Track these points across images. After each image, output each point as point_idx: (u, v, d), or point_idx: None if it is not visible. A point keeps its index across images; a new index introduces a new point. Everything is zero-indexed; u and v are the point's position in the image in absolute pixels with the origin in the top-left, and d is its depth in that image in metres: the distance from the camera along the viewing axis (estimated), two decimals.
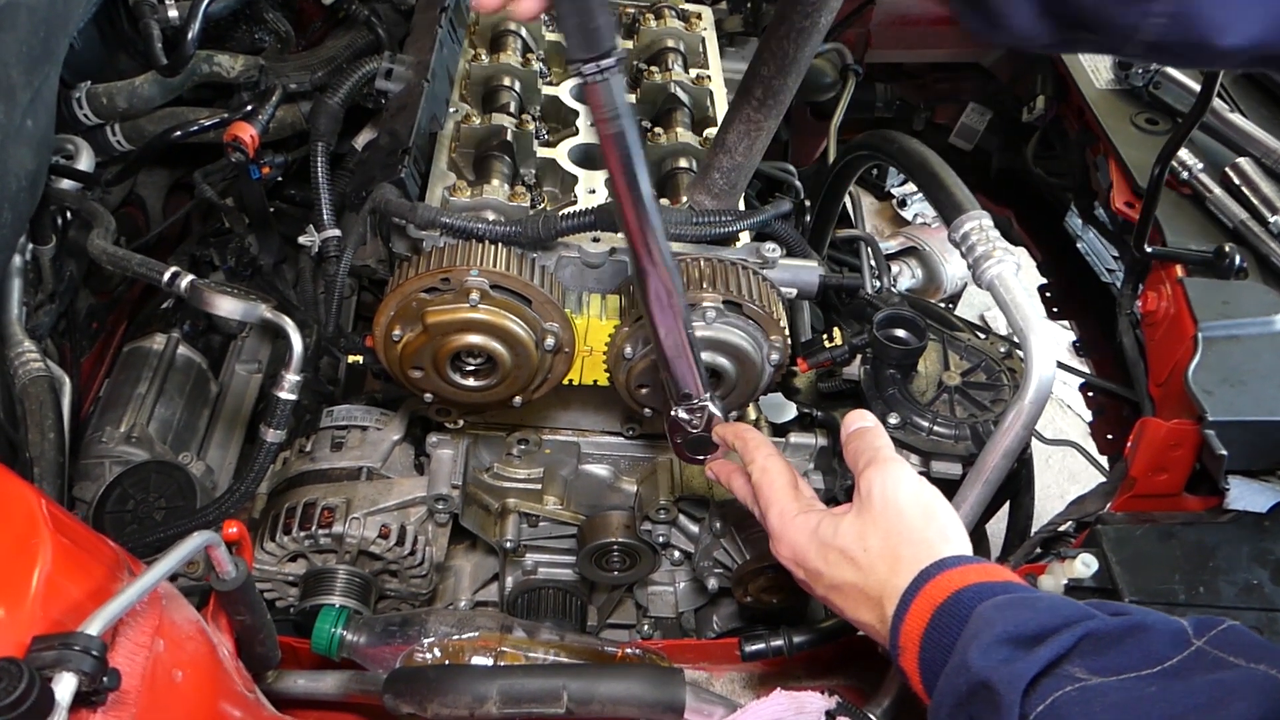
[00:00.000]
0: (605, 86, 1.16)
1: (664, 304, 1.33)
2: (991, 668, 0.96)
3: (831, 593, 1.24)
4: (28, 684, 0.83)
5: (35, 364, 1.69)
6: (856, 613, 1.21)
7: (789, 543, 1.29)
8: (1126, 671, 0.93)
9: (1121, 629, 0.97)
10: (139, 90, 1.98)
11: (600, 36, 1.12)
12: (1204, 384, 1.48)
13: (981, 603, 1.05)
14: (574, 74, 1.16)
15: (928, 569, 1.13)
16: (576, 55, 1.14)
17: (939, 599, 1.09)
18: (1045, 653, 0.95)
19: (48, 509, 1.04)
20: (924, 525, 1.19)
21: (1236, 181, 1.78)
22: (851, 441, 1.31)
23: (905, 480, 1.22)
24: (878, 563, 1.18)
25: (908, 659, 1.10)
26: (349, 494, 1.80)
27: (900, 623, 1.11)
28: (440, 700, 1.44)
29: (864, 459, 1.26)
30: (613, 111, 1.18)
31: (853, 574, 1.20)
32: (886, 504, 1.21)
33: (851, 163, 2.15)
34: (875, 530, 1.20)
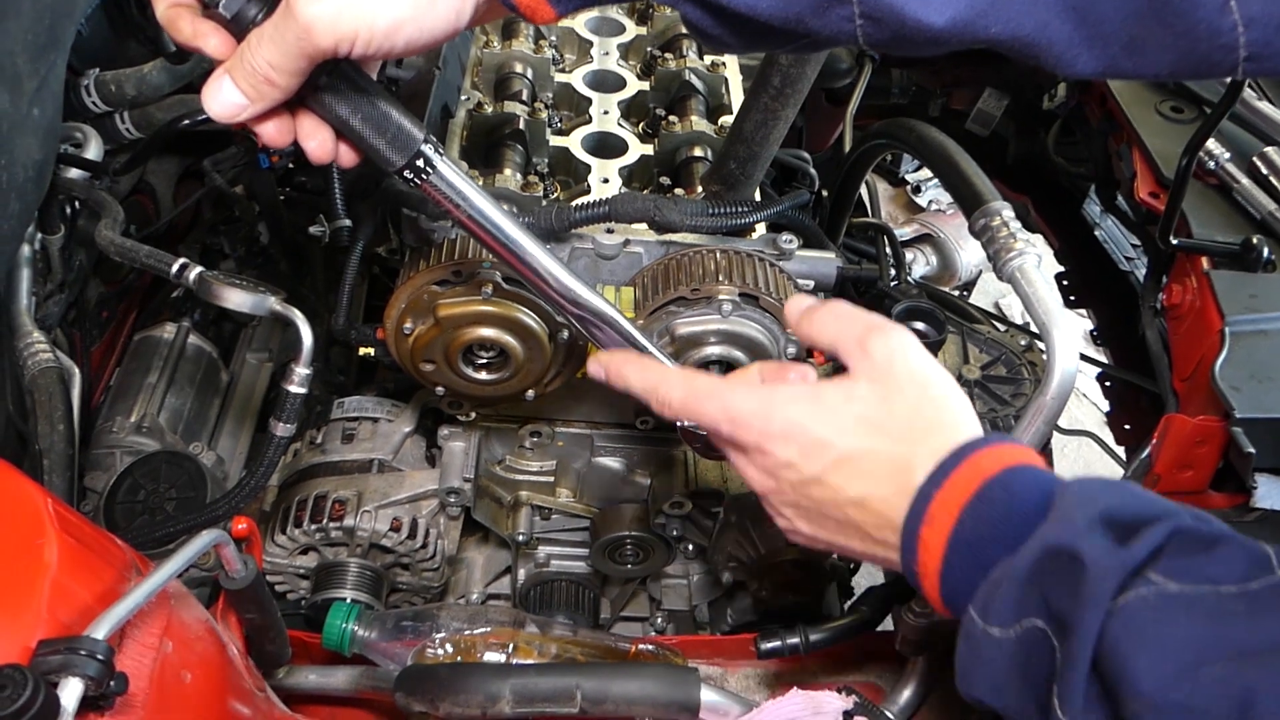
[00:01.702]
0: (435, 177, 1.12)
1: (610, 338, 1.27)
2: (1093, 546, 0.85)
3: (840, 466, 1.03)
4: (32, 691, 0.82)
5: (44, 355, 1.68)
6: (868, 487, 1.02)
7: (781, 416, 1.06)
8: (1205, 583, 0.83)
9: (1210, 535, 0.86)
10: (148, 78, 1.95)
11: (405, 136, 1.08)
12: (1231, 380, 1.45)
13: (1043, 484, 0.93)
14: (401, 179, 1.12)
15: (973, 441, 0.99)
16: (395, 165, 1.10)
17: (990, 471, 0.95)
18: (1141, 547, 0.84)
19: (54, 508, 1.02)
20: (950, 394, 1.05)
21: (1264, 171, 1.75)
22: (820, 318, 1.12)
23: (921, 348, 1.07)
24: (908, 427, 1.02)
25: (936, 530, 0.96)
26: (360, 487, 1.79)
27: (935, 489, 0.96)
28: (452, 699, 1.43)
29: (858, 328, 1.08)
30: (456, 196, 1.14)
31: (874, 439, 1.02)
32: (910, 370, 1.04)
33: (869, 151, 2.12)
34: (900, 395, 1.03)
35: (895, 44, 0.99)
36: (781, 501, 1.10)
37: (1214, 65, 0.93)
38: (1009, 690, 0.90)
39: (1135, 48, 0.94)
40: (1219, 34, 0.90)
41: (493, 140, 1.79)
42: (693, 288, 1.52)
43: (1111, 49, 0.94)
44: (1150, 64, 0.95)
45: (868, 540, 1.04)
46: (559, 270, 1.22)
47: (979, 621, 0.91)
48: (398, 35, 0.98)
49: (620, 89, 1.96)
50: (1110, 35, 0.94)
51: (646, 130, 1.91)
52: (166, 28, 1.04)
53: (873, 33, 0.97)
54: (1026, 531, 0.91)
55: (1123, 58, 0.95)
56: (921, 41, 0.97)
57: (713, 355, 1.55)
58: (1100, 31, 0.94)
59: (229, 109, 1.01)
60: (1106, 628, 0.81)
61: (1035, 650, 0.87)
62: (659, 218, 1.55)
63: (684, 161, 1.82)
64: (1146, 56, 0.94)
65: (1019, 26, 0.94)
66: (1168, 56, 0.94)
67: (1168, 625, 0.80)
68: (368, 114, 1.06)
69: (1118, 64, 0.95)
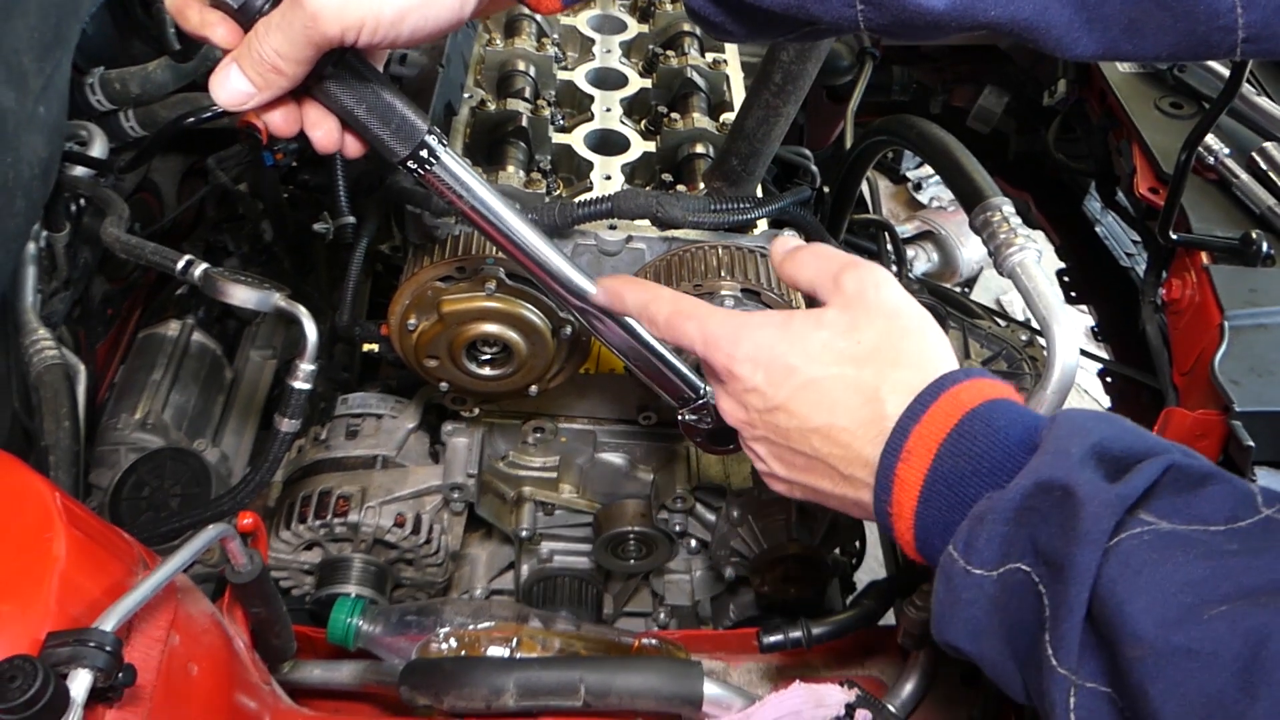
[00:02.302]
0: (439, 168, 1.13)
1: (610, 329, 1.28)
2: (1087, 481, 0.82)
3: (804, 391, 1.02)
4: (42, 682, 0.83)
5: (50, 351, 1.69)
6: (833, 415, 1.00)
7: (752, 338, 1.06)
8: (1198, 522, 0.80)
9: (1200, 472, 0.84)
10: (152, 76, 1.96)
11: (410, 127, 1.09)
12: (1230, 374, 1.46)
13: (1025, 418, 0.91)
14: (405, 171, 1.13)
15: (952, 374, 0.97)
16: (399, 156, 1.11)
17: (969, 404, 0.93)
18: (1137, 483, 0.81)
19: (62, 502, 1.03)
20: (924, 329, 1.03)
21: (1264, 166, 1.76)
22: (802, 258, 1.12)
23: (896, 284, 1.05)
24: (874, 355, 1.00)
25: (912, 466, 0.93)
26: (364, 482, 1.80)
27: (913, 423, 0.94)
28: (456, 692, 1.43)
29: (835, 265, 1.08)
30: (460, 187, 1.15)
31: (840, 366, 1.01)
32: (881, 301, 1.03)
33: (870, 148, 2.13)
34: (869, 324, 1.02)
35: (896, 29, 0.99)
36: (753, 437, 1.10)
37: (1213, 47, 0.93)
38: (988, 635, 0.88)
39: (1135, 29, 0.94)
40: (1217, 15, 0.91)
41: (495, 137, 1.80)
42: (695, 283, 1.53)
43: (1111, 31, 0.94)
44: (1150, 46, 0.95)
45: (838, 479, 1.02)
46: (562, 262, 1.23)
47: (959, 560, 0.88)
48: (403, 24, 0.99)
49: (622, 86, 1.97)
50: (1110, 17, 0.94)
51: (649, 127, 1.92)
52: (175, 17, 1.05)
53: (873, 17, 0.98)
54: (1010, 466, 0.89)
55: (1122, 40, 0.95)
56: (921, 26, 0.97)
57: None
58: (1100, 14, 0.94)
59: (236, 97, 1.02)
60: (1102, 569, 0.79)
61: (1019, 594, 0.84)
62: (661, 214, 1.55)
63: (686, 158, 1.82)
64: (1146, 38, 0.94)
65: (1018, 9, 0.94)
66: (1167, 38, 0.94)
67: (1165, 566, 0.78)
68: (373, 104, 1.07)
69: (1117, 46, 0.96)
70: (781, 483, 1.11)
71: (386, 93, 1.08)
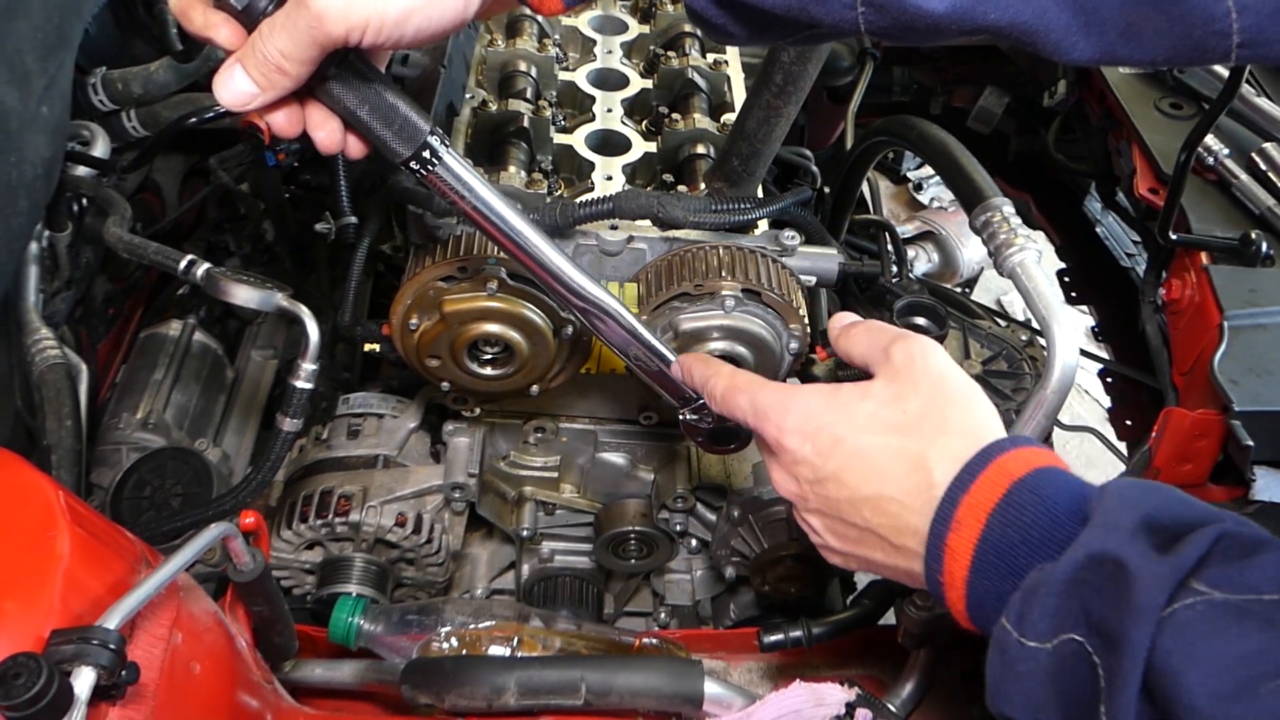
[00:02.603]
0: (442, 168, 1.14)
1: (612, 329, 1.29)
2: (1138, 554, 0.82)
3: (852, 461, 1.03)
4: (46, 679, 0.83)
5: (52, 351, 1.69)
6: (882, 485, 1.01)
7: (800, 409, 1.08)
8: (1251, 592, 0.79)
9: (1252, 541, 0.83)
10: (154, 76, 1.97)
11: (412, 128, 1.10)
12: (1229, 373, 1.46)
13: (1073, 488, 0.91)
14: (407, 172, 1.14)
15: (999, 442, 0.97)
16: (402, 157, 1.11)
17: (1017, 473, 0.93)
18: (1189, 554, 0.81)
19: (66, 501, 1.04)
20: (971, 396, 1.04)
21: (1263, 167, 1.76)
22: (856, 333, 1.15)
23: (944, 354, 1.07)
24: (921, 423, 1.01)
25: (962, 536, 0.93)
26: (365, 482, 1.80)
27: (961, 493, 0.94)
28: (458, 691, 1.44)
29: (885, 338, 1.10)
30: (462, 188, 1.16)
31: (886, 435, 1.02)
32: (928, 370, 1.05)
33: (871, 148, 2.13)
34: (915, 392, 1.03)
35: (896, 32, 0.99)
36: (806, 509, 1.11)
37: (1209, 51, 0.94)
38: (1045, 709, 0.87)
39: (1132, 34, 0.94)
40: (1213, 19, 0.91)
41: (497, 138, 1.80)
42: (696, 283, 1.53)
43: (1108, 35, 0.95)
44: (1147, 50, 0.95)
45: (889, 550, 1.02)
46: (563, 262, 1.23)
47: (1013, 633, 0.88)
48: (407, 24, 1.00)
49: (623, 87, 1.97)
50: (1107, 22, 0.94)
51: (650, 128, 1.92)
52: (179, 18, 1.05)
53: (874, 20, 0.98)
54: (1060, 536, 0.89)
55: (1119, 44, 0.95)
56: (922, 29, 0.97)
57: (716, 350, 1.56)
58: (1098, 18, 0.94)
59: (240, 97, 1.02)
60: (1156, 642, 0.78)
61: (1073, 667, 0.84)
62: (662, 214, 1.56)
63: (687, 159, 1.82)
64: (1143, 42, 0.94)
65: (1017, 13, 0.94)
66: (1164, 42, 0.94)
67: (1220, 638, 0.77)
68: (375, 105, 1.08)
69: (1114, 50, 0.96)
70: (837, 555, 1.11)
71: (389, 93, 1.08)
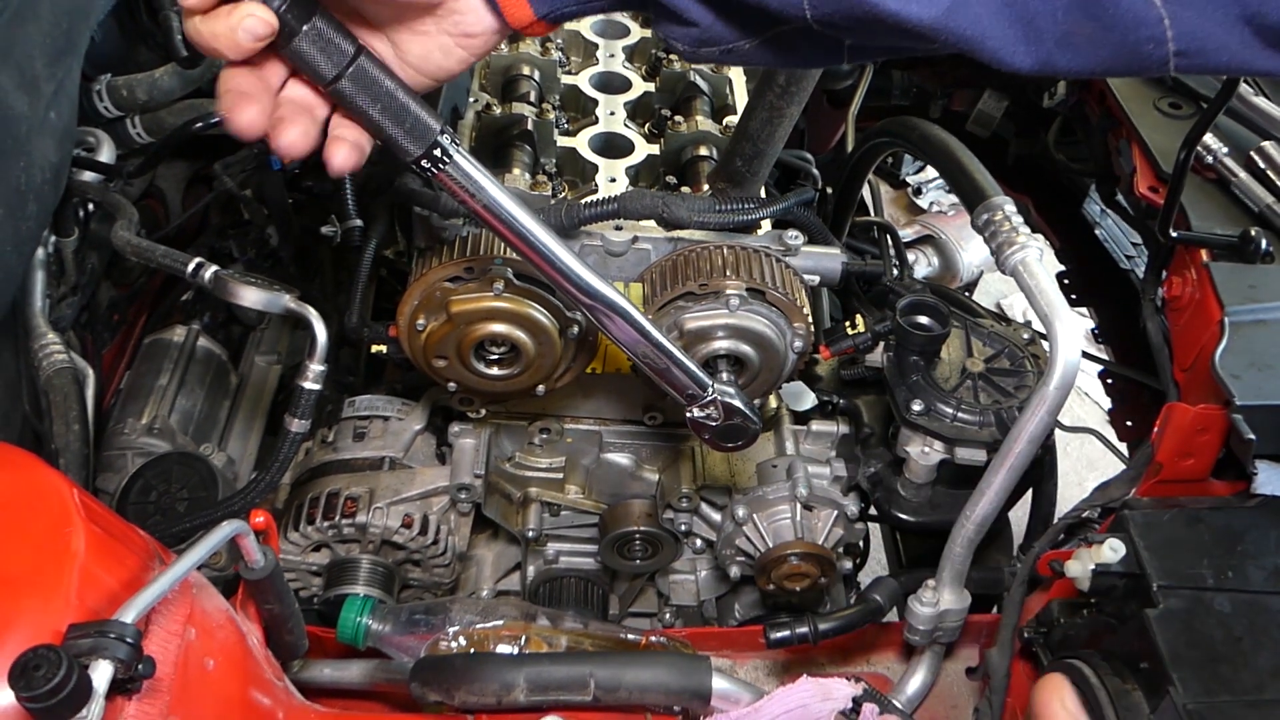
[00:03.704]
0: (452, 167, 1.15)
1: (619, 326, 1.30)
2: None
3: None
4: (66, 671, 0.84)
5: (59, 356, 1.70)
6: None
7: None
8: None
9: None
10: (159, 82, 1.98)
11: (422, 127, 1.11)
12: (1231, 368, 1.47)
13: None
14: (416, 171, 1.15)
15: None
16: (411, 156, 1.12)
17: None
18: None
19: (80, 498, 1.05)
20: None
21: (1262, 165, 1.77)
22: None
23: None
24: None
25: None
26: (372, 484, 1.81)
27: None
28: (467, 688, 1.45)
29: None
30: (472, 186, 1.17)
31: None
32: None
33: (871, 150, 2.15)
34: None
35: (841, 21, 0.97)
36: None
37: (1146, 59, 0.93)
38: None
39: (1068, 42, 0.94)
40: (1145, 26, 0.91)
41: (501, 141, 1.81)
42: (700, 283, 1.54)
43: (1046, 44, 0.95)
44: (1084, 59, 0.95)
45: None
46: (572, 260, 1.24)
47: None
48: None
49: (626, 90, 1.99)
50: (1044, 31, 0.94)
51: (652, 130, 1.93)
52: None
53: (819, 5, 0.96)
54: None
55: (1057, 53, 0.95)
56: (866, 19, 0.96)
57: (721, 349, 1.57)
58: (1035, 27, 0.94)
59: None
60: None
61: None
62: (667, 214, 1.57)
63: (690, 161, 1.84)
64: (1080, 51, 0.95)
65: (954, 19, 0.94)
66: (1101, 51, 0.94)
67: None
68: (387, 105, 1.09)
69: (1053, 60, 0.96)
70: None
71: (401, 93, 1.09)
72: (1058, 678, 1.25)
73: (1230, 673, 1.23)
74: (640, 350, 1.33)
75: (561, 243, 1.24)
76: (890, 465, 1.81)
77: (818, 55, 1.08)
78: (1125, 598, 1.37)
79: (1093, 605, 1.46)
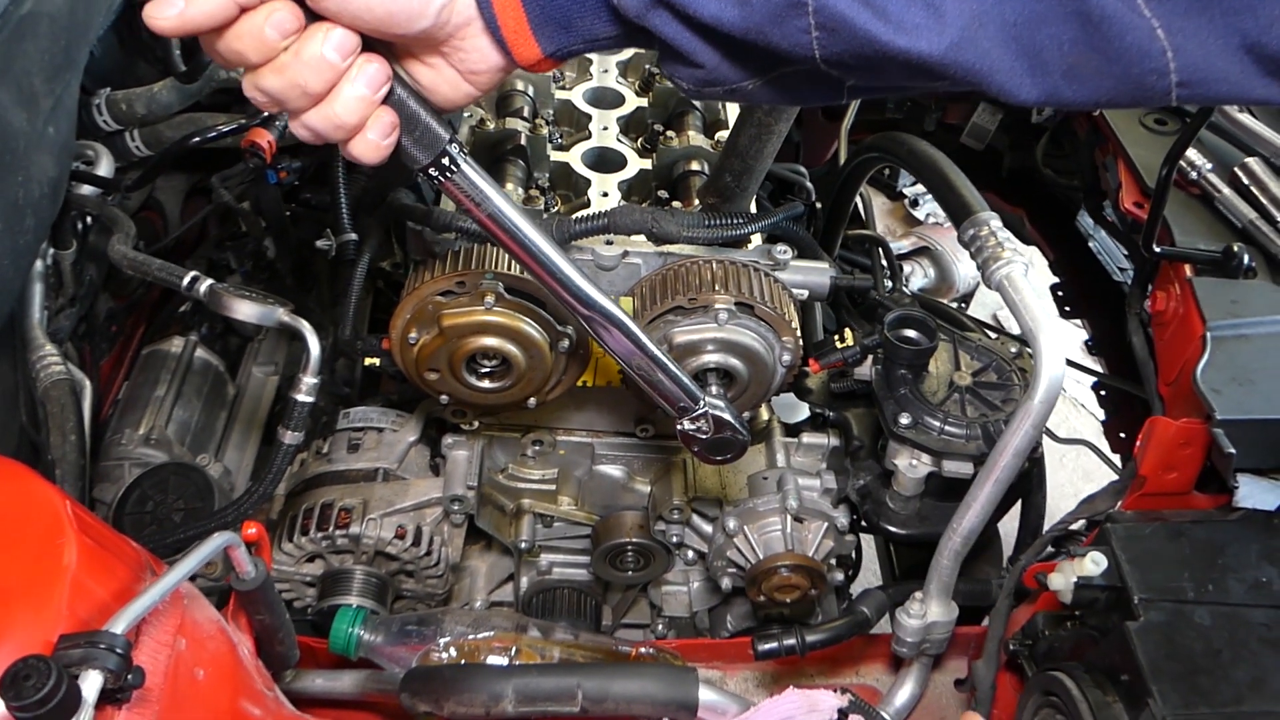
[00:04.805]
0: (459, 177, 1.16)
1: (616, 338, 1.31)
2: None
3: None
4: (55, 681, 0.86)
5: (56, 367, 1.71)
6: None
7: None
8: None
9: None
10: (158, 97, 2.00)
11: (433, 136, 1.12)
12: (1212, 383, 1.49)
13: None
14: (425, 178, 1.17)
15: None
16: (421, 163, 1.13)
17: None
18: None
19: (72, 510, 1.06)
20: None
21: (1245, 181, 1.79)
22: None
23: None
24: None
25: None
26: (366, 495, 1.82)
27: None
28: (456, 698, 1.46)
29: None
30: (478, 196, 1.18)
31: None
32: None
33: (862, 164, 2.17)
34: None
35: (850, 60, 0.98)
36: None
37: (1149, 90, 0.95)
38: None
39: (1074, 75, 0.95)
40: (1149, 58, 0.92)
41: (495, 156, 1.83)
42: (690, 297, 1.56)
43: (1052, 77, 0.96)
44: (1090, 90, 0.97)
45: None
46: (572, 272, 1.26)
47: None
48: None
49: (619, 105, 2.01)
50: (1050, 63, 0.95)
51: (645, 145, 1.95)
52: None
53: (828, 45, 0.98)
54: None
55: (1063, 85, 0.96)
56: (874, 58, 0.97)
57: (710, 363, 1.59)
58: (1040, 60, 0.95)
59: None
60: None
61: None
62: (657, 229, 1.59)
63: (681, 175, 1.86)
64: (1086, 83, 0.96)
65: (962, 54, 0.95)
66: (1106, 82, 0.95)
67: None
68: (399, 112, 1.10)
69: (1059, 92, 0.97)
70: None
71: (412, 101, 1.10)
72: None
73: (1209, 685, 1.25)
74: (635, 362, 1.35)
75: (562, 254, 1.25)
76: (879, 478, 1.82)
77: (819, 94, 1.08)
78: (1107, 610, 1.38)
79: (1076, 618, 1.48)
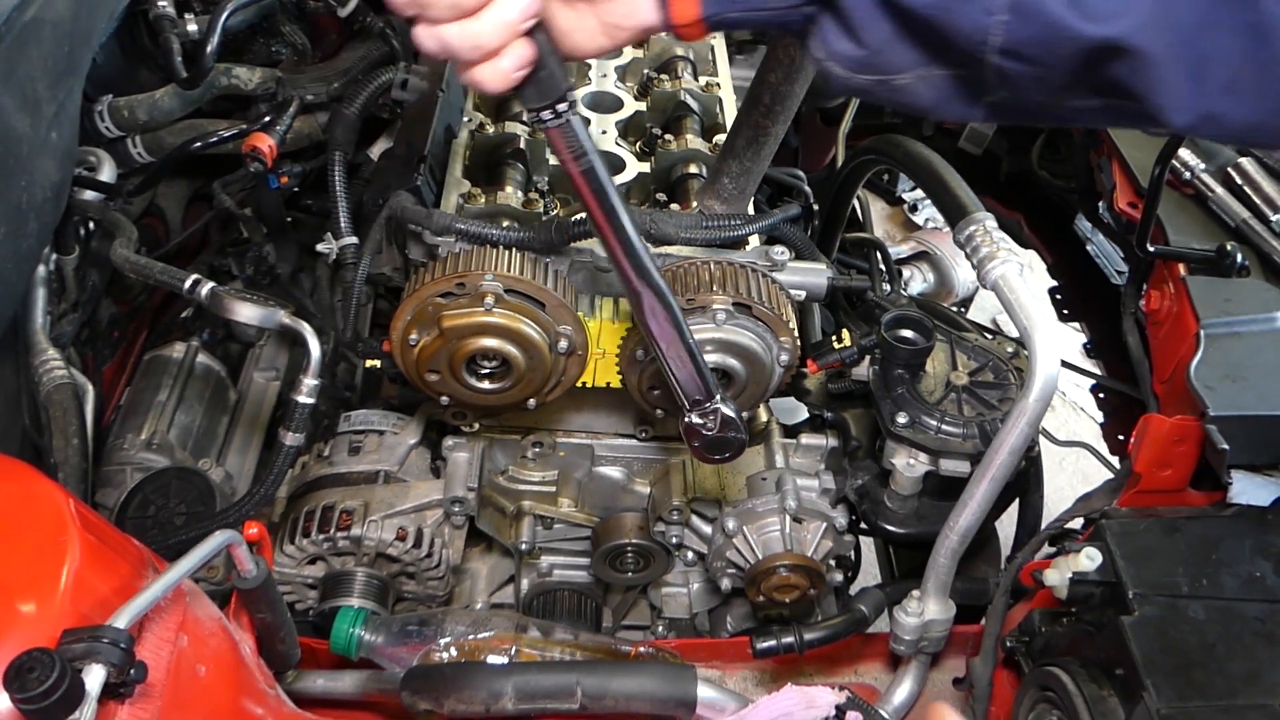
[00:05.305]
0: (566, 129, 1.19)
1: (660, 319, 1.35)
2: None
3: None
4: (59, 674, 0.86)
5: (59, 372, 1.72)
6: None
7: None
8: None
9: None
10: (159, 103, 2.02)
11: (553, 83, 1.14)
12: (1206, 380, 1.50)
13: None
14: (533, 121, 1.19)
15: None
16: (533, 104, 1.16)
17: None
18: None
19: (75, 508, 1.07)
20: None
21: (1238, 181, 1.80)
22: None
23: None
24: None
25: None
26: (367, 497, 1.83)
27: None
28: (456, 696, 1.47)
29: None
30: (578, 150, 1.21)
31: None
32: None
33: (858, 167, 2.18)
34: None
35: (1033, 51, 0.94)
36: None
37: None
38: None
39: (1234, 90, 0.91)
40: None
41: (494, 159, 1.84)
42: (688, 298, 1.57)
43: (1210, 91, 0.92)
44: (1246, 111, 0.93)
45: None
46: (640, 246, 1.30)
47: None
48: None
49: (618, 109, 2.02)
50: (1212, 74, 0.91)
51: (643, 149, 1.96)
52: None
53: (1015, 31, 0.94)
54: None
55: (1221, 100, 0.92)
56: (1061, 50, 0.93)
57: (708, 363, 1.59)
58: (1203, 69, 0.91)
59: None
60: None
61: None
62: (655, 231, 1.60)
63: (679, 178, 1.87)
64: (1244, 102, 0.92)
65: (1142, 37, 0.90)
66: (1266, 104, 0.92)
67: None
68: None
69: (1215, 108, 0.93)
70: None
71: (546, 42, 1.12)
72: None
73: (1204, 678, 1.26)
74: (669, 347, 1.38)
75: (637, 227, 1.29)
76: (877, 477, 1.83)
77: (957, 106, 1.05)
78: (1102, 605, 1.39)
79: (1072, 614, 1.49)
